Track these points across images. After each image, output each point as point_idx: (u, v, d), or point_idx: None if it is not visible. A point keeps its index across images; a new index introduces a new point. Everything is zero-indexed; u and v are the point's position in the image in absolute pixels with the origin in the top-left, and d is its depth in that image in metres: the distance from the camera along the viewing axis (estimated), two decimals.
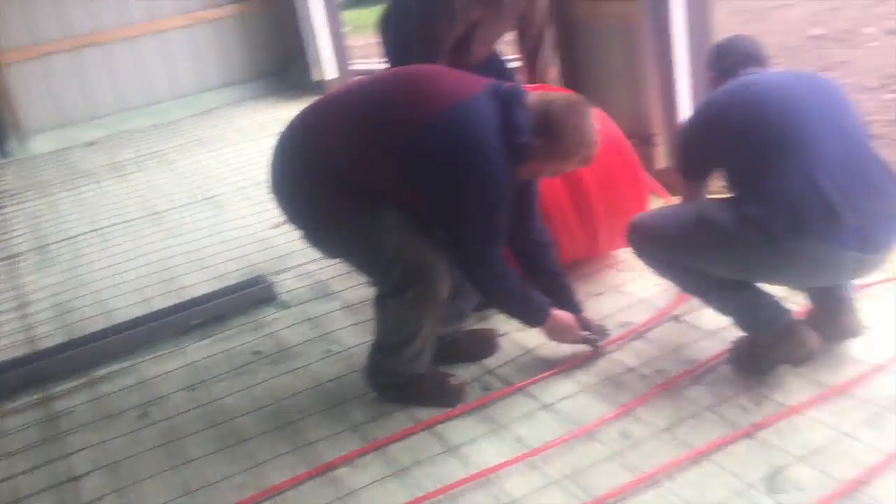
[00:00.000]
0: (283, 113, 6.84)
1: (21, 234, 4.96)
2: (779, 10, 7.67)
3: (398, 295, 2.42)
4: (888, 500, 1.93)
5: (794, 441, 2.19)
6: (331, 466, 2.40)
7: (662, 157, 3.73)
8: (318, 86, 7.22)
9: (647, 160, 3.70)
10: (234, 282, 3.67)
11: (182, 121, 7.25)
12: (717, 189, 2.66)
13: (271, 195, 2.58)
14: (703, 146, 2.51)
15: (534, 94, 2.43)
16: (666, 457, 2.21)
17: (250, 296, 3.48)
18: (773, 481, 2.07)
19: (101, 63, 7.10)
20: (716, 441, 2.23)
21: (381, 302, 2.49)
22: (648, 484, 2.13)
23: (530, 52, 3.55)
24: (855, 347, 2.50)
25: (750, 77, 2.47)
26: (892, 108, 4.92)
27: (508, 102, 2.34)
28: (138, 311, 3.56)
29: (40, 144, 6.92)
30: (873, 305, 2.65)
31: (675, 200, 3.32)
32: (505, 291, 2.49)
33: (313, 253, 3.85)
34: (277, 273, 3.78)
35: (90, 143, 6.90)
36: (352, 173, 2.36)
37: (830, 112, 2.34)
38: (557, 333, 2.63)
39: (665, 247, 2.48)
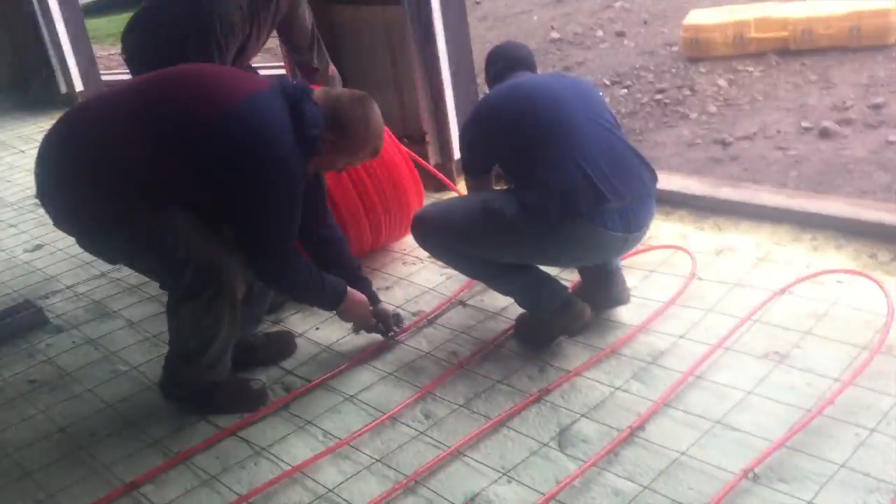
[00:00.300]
0: (27, 129, 6.34)
1: None
2: (519, 16, 8.26)
3: (193, 298, 2.37)
4: (660, 440, 2.20)
5: (577, 401, 2.43)
6: (133, 486, 2.31)
7: (434, 154, 3.92)
8: (66, 98, 6.77)
9: (421, 158, 3.88)
10: None
11: None
12: (499, 182, 2.87)
13: (41, 202, 2.43)
14: (481, 143, 2.69)
15: (319, 91, 2.48)
16: (467, 430, 2.36)
17: (16, 322, 3.23)
18: (563, 437, 2.29)
19: None
20: (509, 410, 2.42)
21: (175, 307, 2.43)
22: (454, 457, 2.27)
23: (305, 53, 3.52)
24: (623, 312, 2.81)
25: (517, 79, 2.69)
26: (625, 102, 5.50)
27: (296, 98, 2.37)
28: None
29: None
30: (629, 273, 2.98)
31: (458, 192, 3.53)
32: (301, 282, 2.51)
33: (82, 273, 3.72)
34: (44, 297, 3.53)
35: None
36: (139, 173, 2.29)
37: (589, 107, 2.60)
38: (354, 313, 2.68)
39: (451, 236, 2.64)
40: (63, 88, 6.75)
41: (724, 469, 2.06)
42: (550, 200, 2.46)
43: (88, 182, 2.31)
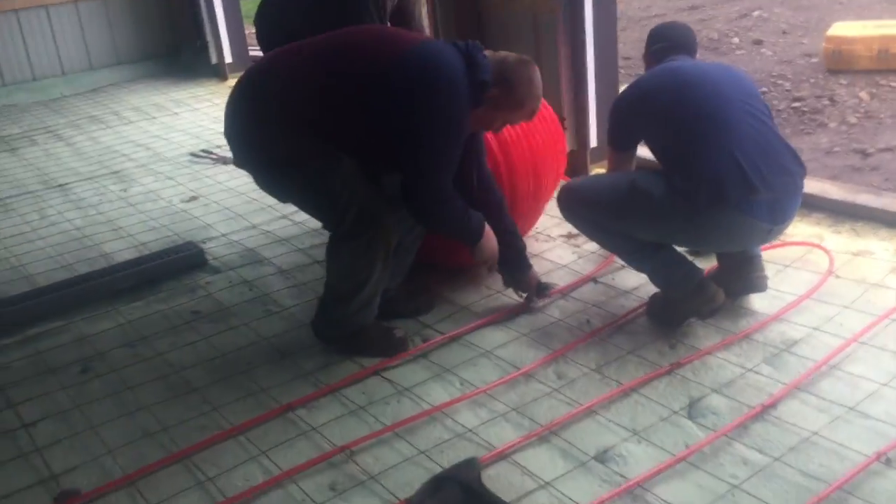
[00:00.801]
0: (180, 94, 6.79)
1: None
2: (653, 20, 8.24)
3: (352, 239, 2.58)
4: (792, 419, 2.27)
5: (708, 377, 2.51)
6: (289, 408, 2.54)
7: (570, 140, 4.04)
8: (217, 69, 7.20)
9: None
10: (155, 250, 3.71)
11: (68, 99, 7.05)
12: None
13: (227, 140, 2.68)
14: (633, 121, 2.80)
15: (487, 50, 2.64)
16: (598, 392, 2.49)
17: (181, 260, 3.53)
18: (693, 409, 2.38)
19: None
20: (640, 378, 2.53)
21: (334, 248, 2.64)
22: (586, 414, 2.39)
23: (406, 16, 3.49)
24: (755, 301, 2.87)
25: (675, 63, 2.79)
26: None
27: (468, 49, 2.55)
28: (60, 276, 3.55)
29: None
30: (773, 265, 3.03)
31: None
32: (452, 215, 2.63)
33: (234, 224, 4.00)
34: (202, 242, 3.83)
35: None
36: (316, 116, 2.50)
37: (744, 98, 2.67)
38: (483, 251, 2.77)
39: (596, 210, 2.76)
40: (214, 59, 7.17)
41: (857, 451, 2.12)
42: (700, 186, 2.54)
43: (271, 123, 2.54)
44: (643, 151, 2.96)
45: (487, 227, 2.77)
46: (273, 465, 2.30)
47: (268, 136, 2.56)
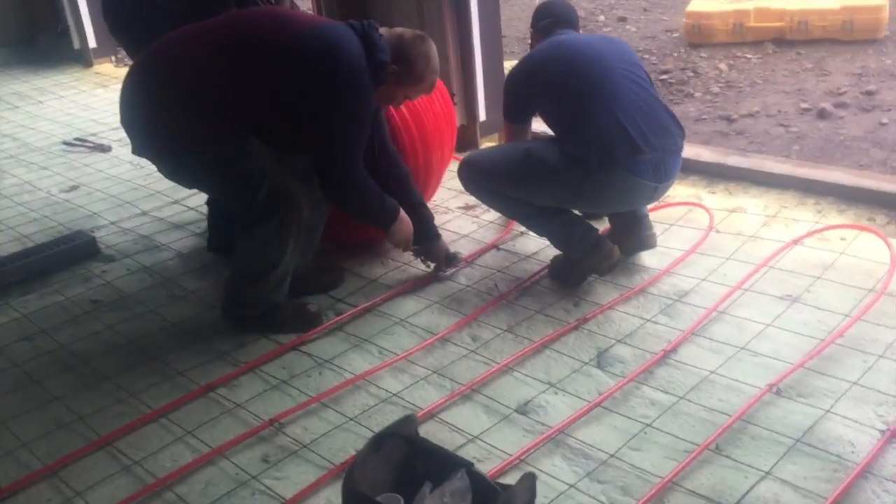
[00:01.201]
0: (42, 82, 6.47)
1: None
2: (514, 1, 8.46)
3: (264, 219, 2.59)
4: (690, 361, 2.47)
5: (611, 329, 2.68)
6: (209, 388, 2.53)
7: (460, 115, 4.14)
8: (80, 55, 6.88)
9: None
10: (39, 242, 3.56)
11: None
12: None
13: (126, 129, 2.62)
14: (526, 93, 2.92)
15: (382, 28, 2.70)
16: (512, 350, 2.61)
17: (72, 250, 3.41)
18: (602, 359, 2.54)
19: None
20: (550, 334, 2.67)
21: (246, 229, 2.64)
22: (504, 371, 2.51)
23: None
24: (646, 258, 3.06)
25: (562, 36, 2.94)
26: None
27: (364, 29, 2.60)
28: None
29: None
30: (659, 225, 3.23)
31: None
32: (366, 197, 2.71)
33: (122, 212, 3.90)
34: (91, 231, 3.70)
35: None
36: (222, 98, 2.49)
37: (627, 67, 2.85)
38: (403, 233, 2.87)
39: (496, 179, 2.88)
40: (76, 44, 6.86)
41: (750, 385, 2.33)
42: (590, 149, 2.70)
43: (175, 110, 2.52)
44: (538, 126, 3.10)
45: (402, 211, 2.84)
46: (201, 444, 2.30)
47: (172, 123, 2.53)
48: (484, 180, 2.92)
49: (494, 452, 2.16)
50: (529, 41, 3.14)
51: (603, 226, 3.17)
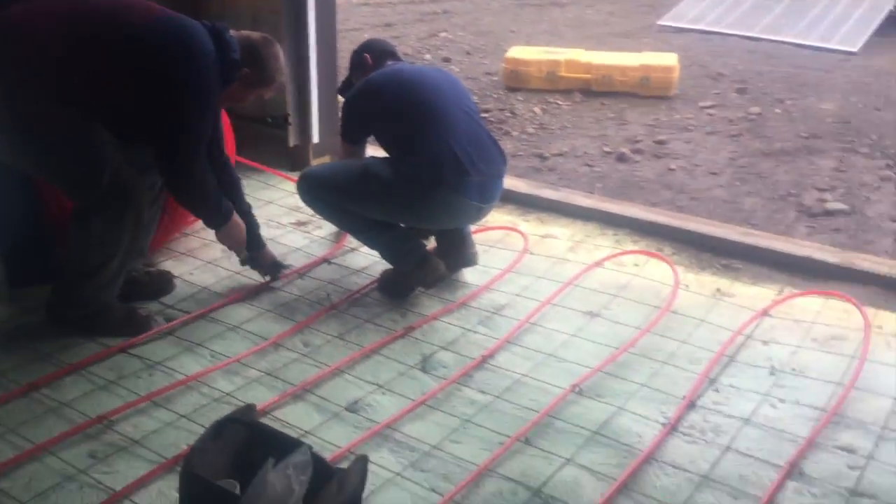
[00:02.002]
0: None
1: None
2: (351, 33, 8.68)
3: (104, 209, 2.59)
4: (505, 366, 2.72)
5: (435, 337, 2.89)
6: (32, 387, 2.48)
7: (294, 135, 4.26)
8: None
9: (282, 139, 4.22)
10: None
11: None
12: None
13: None
14: (363, 117, 3.11)
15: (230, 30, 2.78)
16: (343, 355, 2.75)
17: None
18: (426, 363, 2.74)
19: None
20: (379, 341, 2.83)
21: (82, 220, 2.62)
22: (335, 374, 2.65)
23: None
24: (467, 275, 3.31)
25: (399, 65, 3.16)
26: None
27: (215, 27, 2.69)
28: None
29: None
30: (480, 245, 3.49)
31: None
32: (204, 192, 2.78)
33: None
34: None
35: None
36: (68, 80, 2.48)
37: (457, 96, 3.11)
38: (235, 236, 2.98)
39: (332, 193, 3.03)
40: None
41: (556, 386, 2.61)
42: (422, 169, 2.93)
43: (18, 87, 2.47)
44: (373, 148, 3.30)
45: (236, 215, 2.92)
46: (24, 441, 2.26)
47: (12, 98, 2.48)
48: (322, 192, 3.07)
49: (326, 446, 2.29)
50: (352, 71, 3.32)
51: (430, 245, 3.39)
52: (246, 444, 1.96)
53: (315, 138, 4.32)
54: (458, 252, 3.25)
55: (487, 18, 9.87)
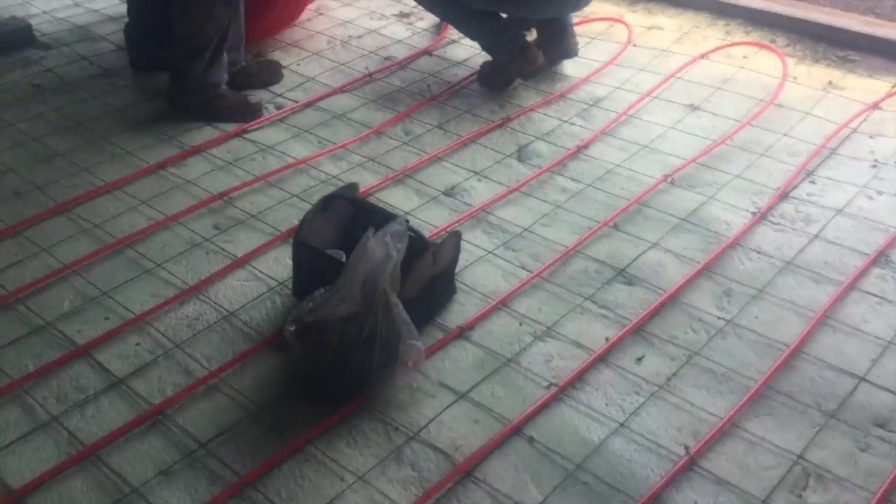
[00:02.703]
0: None
1: None
2: None
3: None
4: (599, 156, 2.77)
5: (532, 128, 2.95)
6: (160, 166, 2.71)
7: None
8: None
9: None
10: None
11: None
12: None
13: None
14: None
15: None
16: (441, 143, 2.85)
17: (8, 35, 3.41)
18: (522, 153, 2.82)
19: None
20: (477, 131, 2.92)
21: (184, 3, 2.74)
22: (433, 160, 2.76)
23: None
24: (567, 67, 3.30)
25: None
26: None
27: None
28: None
29: None
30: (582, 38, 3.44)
31: None
32: None
33: (54, 2, 3.85)
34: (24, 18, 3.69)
35: None
36: None
37: None
38: None
39: None
40: None
41: (649, 176, 2.66)
42: None
43: None
44: None
45: None
46: (156, 212, 2.51)
47: None
48: None
49: (424, 225, 2.44)
50: None
51: (531, 37, 3.36)
52: (350, 218, 2.13)
53: None
54: (558, 43, 3.22)
55: None
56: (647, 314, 2.10)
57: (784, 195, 2.53)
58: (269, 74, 3.22)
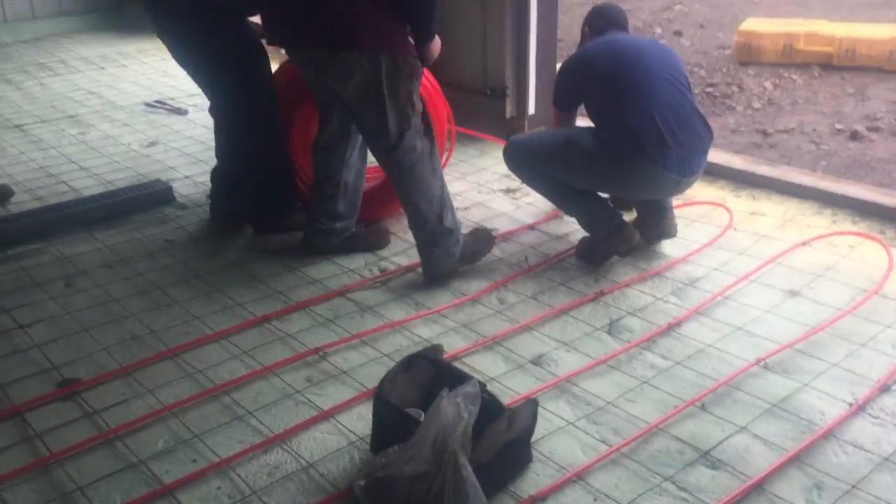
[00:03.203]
0: (126, 47, 6.94)
1: None
2: (583, 6, 8.73)
3: (421, 137, 2.95)
4: (691, 335, 2.75)
5: (625, 303, 2.98)
6: (264, 319, 2.89)
7: (511, 107, 4.45)
8: None
9: (500, 111, 4.42)
10: (122, 187, 3.97)
11: (12, 46, 7.09)
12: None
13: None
14: (575, 85, 3.22)
15: None
16: (534, 313, 2.92)
17: (151, 195, 3.80)
18: (613, 327, 2.84)
19: None
20: (569, 303, 2.97)
21: (404, 161, 2.97)
22: (524, 329, 2.82)
23: None
24: (666, 246, 3.35)
25: (614, 36, 3.23)
26: None
27: None
28: (33, 206, 3.78)
29: None
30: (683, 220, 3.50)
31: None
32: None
33: (195, 168, 4.28)
34: (167, 181, 4.09)
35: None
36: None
37: (669, 70, 3.12)
38: (437, 48, 3.01)
39: (536, 158, 3.18)
40: None
41: (741, 358, 2.61)
42: (623, 139, 3.00)
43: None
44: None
45: None
46: (255, 362, 2.65)
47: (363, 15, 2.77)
48: (526, 158, 3.23)
49: (507, 391, 2.47)
50: (579, 40, 3.44)
51: (631, 216, 3.45)
52: (432, 379, 2.19)
53: (531, 110, 4.48)
54: (657, 223, 3.29)
55: None
56: (729, 500, 2.02)
57: (885, 388, 2.43)
58: (378, 239, 3.43)
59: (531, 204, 3.77)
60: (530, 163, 3.21)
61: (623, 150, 3.00)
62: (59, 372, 2.61)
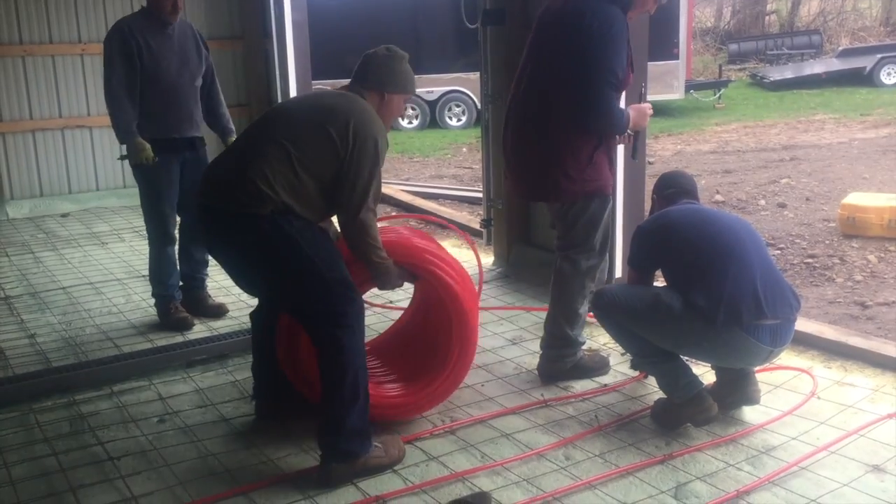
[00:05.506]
0: None
1: (11, 282, 5.39)
2: None
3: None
4: None
5: (695, 468, 2.91)
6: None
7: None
8: None
9: None
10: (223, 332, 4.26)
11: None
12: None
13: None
14: (656, 247, 3.27)
15: None
16: (599, 472, 2.89)
17: (246, 340, 4.04)
18: (679, 491, 2.77)
19: (83, 144, 7.71)
20: (637, 463, 2.93)
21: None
22: (587, 487, 2.80)
23: None
24: (745, 412, 3.27)
25: (694, 205, 3.33)
26: (777, 261, 5.97)
27: None
28: (142, 347, 4.09)
29: (15, 210, 7.35)
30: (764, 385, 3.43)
31: None
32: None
33: None
34: None
35: (64, 215, 7.38)
36: None
37: (754, 241, 3.19)
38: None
39: (624, 314, 3.19)
40: None
41: None
42: (719, 307, 2.99)
43: None
44: None
45: None
46: None
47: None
48: (614, 311, 3.24)
49: None
50: (649, 208, 3.55)
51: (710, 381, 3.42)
52: None
53: (617, 273, 4.57)
54: (738, 389, 3.24)
55: (840, 165, 9.49)
56: None
57: None
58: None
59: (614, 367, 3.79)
60: (617, 317, 3.23)
61: (717, 318, 2.99)
62: (137, 502, 2.77)
